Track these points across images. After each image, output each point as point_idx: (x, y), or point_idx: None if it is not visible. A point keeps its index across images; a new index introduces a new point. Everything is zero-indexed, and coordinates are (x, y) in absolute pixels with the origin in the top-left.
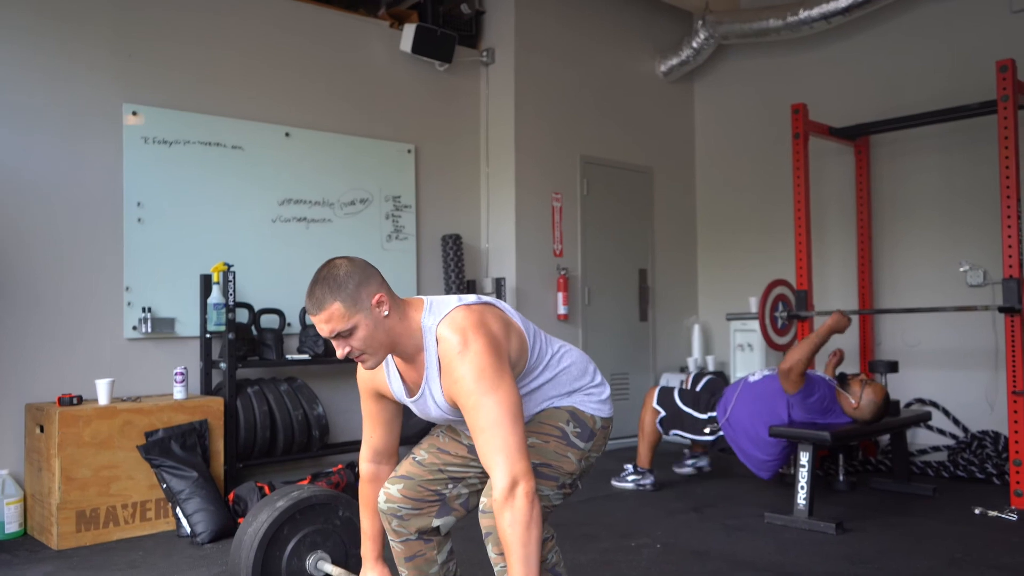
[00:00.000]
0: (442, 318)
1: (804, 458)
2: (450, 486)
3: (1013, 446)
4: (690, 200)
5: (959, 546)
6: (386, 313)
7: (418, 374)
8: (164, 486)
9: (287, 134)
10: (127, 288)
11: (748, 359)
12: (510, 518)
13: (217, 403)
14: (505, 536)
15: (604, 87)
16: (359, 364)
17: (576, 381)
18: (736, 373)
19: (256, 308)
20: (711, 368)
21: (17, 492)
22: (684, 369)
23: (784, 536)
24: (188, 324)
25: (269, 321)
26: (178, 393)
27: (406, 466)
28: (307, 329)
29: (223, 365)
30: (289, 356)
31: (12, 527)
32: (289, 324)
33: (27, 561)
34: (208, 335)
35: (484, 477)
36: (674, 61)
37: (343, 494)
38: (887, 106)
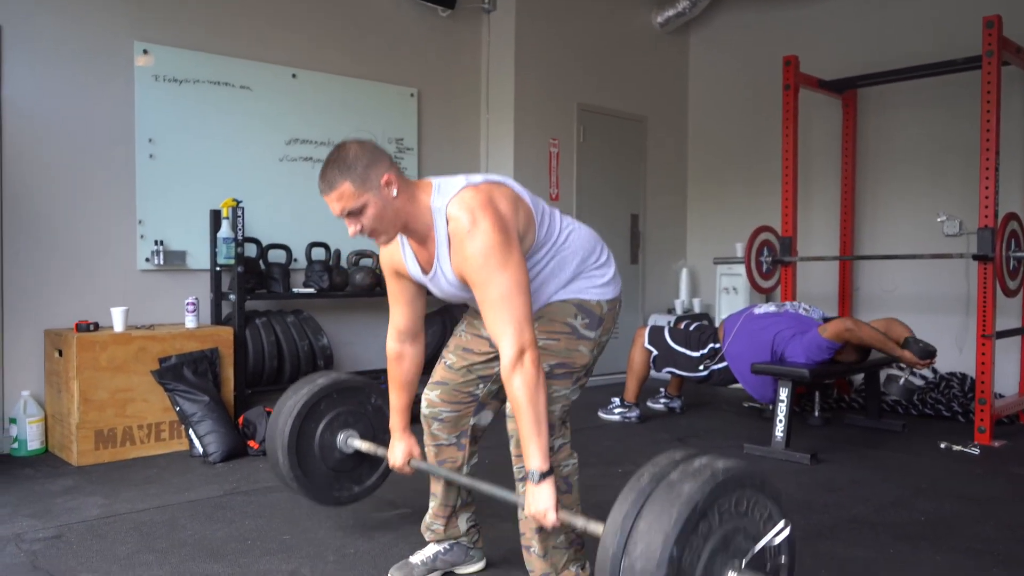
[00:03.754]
0: (451, 198)
1: (783, 393)
2: (480, 386)
3: (979, 386)
4: (682, 148)
5: (925, 477)
6: (395, 193)
7: (430, 254)
8: (177, 409)
9: (294, 75)
10: (140, 221)
11: (733, 302)
12: (519, 381)
13: (227, 332)
14: (516, 399)
15: (602, 37)
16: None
17: (583, 261)
18: (721, 315)
19: (264, 243)
20: (697, 310)
21: (38, 412)
22: (672, 311)
23: (762, 465)
24: (199, 257)
25: (276, 256)
26: (190, 322)
27: (440, 372)
28: (312, 264)
29: (232, 297)
30: (295, 289)
31: (34, 444)
32: (296, 259)
33: (49, 476)
34: (218, 268)
35: None
36: (671, 12)
37: (377, 383)
38: (875, 61)
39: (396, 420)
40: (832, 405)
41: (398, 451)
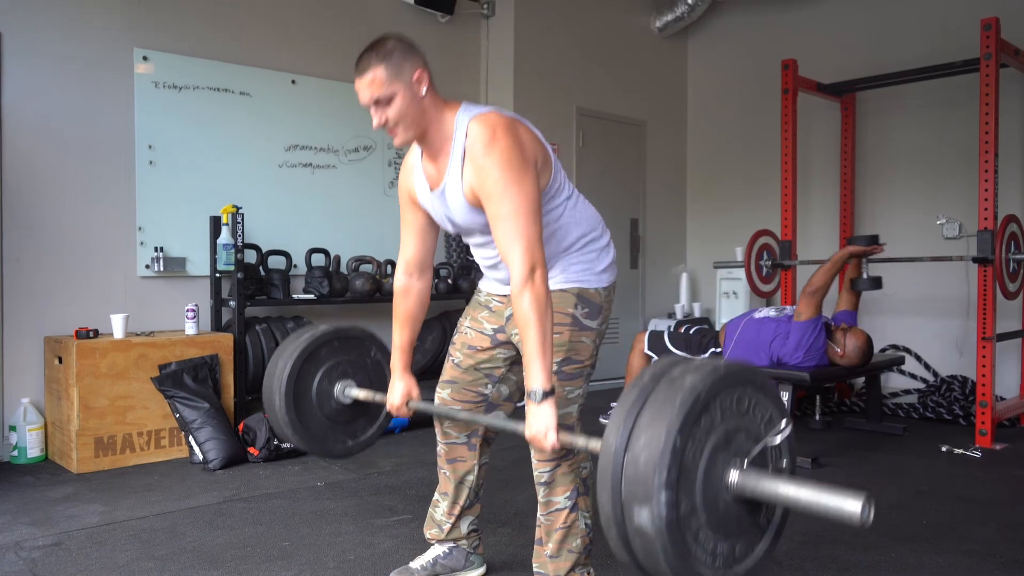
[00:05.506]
0: (475, 115)
1: (784, 397)
2: (489, 386)
3: (980, 389)
4: (681, 153)
5: (926, 480)
6: (424, 92)
7: (440, 170)
8: (177, 416)
9: (293, 81)
10: (140, 228)
11: (733, 306)
12: (529, 298)
13: (227, 339)
14: (522, 318)
15: (601, 42)
16: (392, 137)
17: (585, 234)
18: (721, 319)
19: (263, 249)
20: (697, 314)
21: (38, 419)
22: (672, 315)
23: None
24: (198, 263)
25: (276, 262)
26: (190, 329)
27: (448, 370)
28: (312, 270)
29: (232, 303)
30: (295, 296)
31: (34, 452)
32: (295, 265)
33: (49, 483)
34: (218, 274)
35: (513, 369)
36: (669, 17)
37: (378, 337)
38: (874, 63)
39: (397, 359)
40: (833, 409)
41: (397, 391)
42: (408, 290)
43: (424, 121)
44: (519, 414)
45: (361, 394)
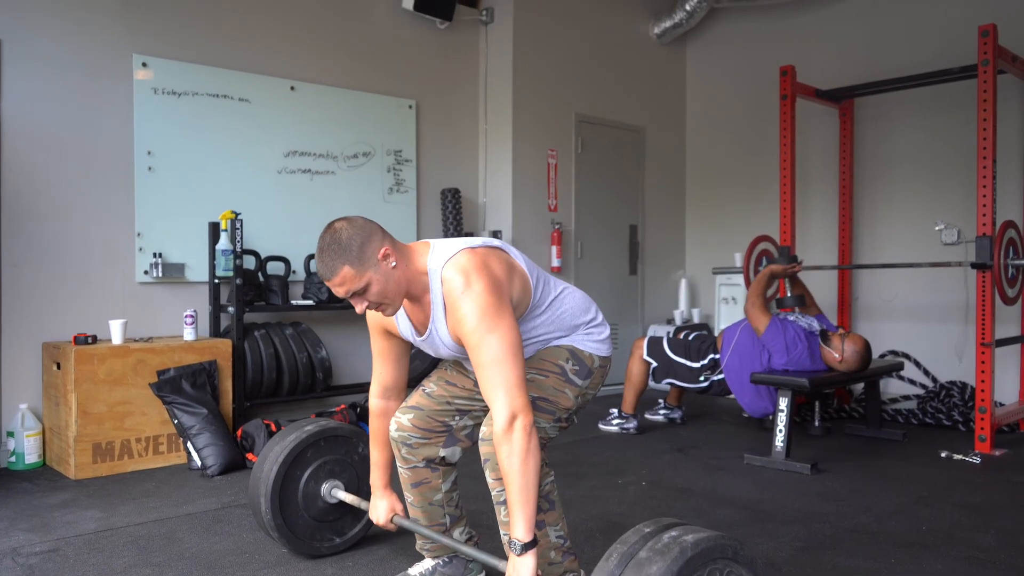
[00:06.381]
0: (447, 261)
1: (783, 403)
2: (456, 418)
3: (979, 395)
4: (680, 159)
5: (926, 486)
6: (394, 264)
7: (424, 315)
8: (175, 422)
9: (292, 87)
10: (139, 234)
11: (732, 312)
12: (508, 450)
13: (226, 345)
14: (504, 466)
15: (599, 48)
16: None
17: (577, 319)
18: (720, 325)
19: (262, 255)
20: (696, 320)
21: (36, 425)
22: (671, 321)
23: (762, 475)
24: (197, 269)
25: (275, 268)
26: (188, 335)
27: (416, 397)
28: (311, 276)
29: (231, 309)
30: (294, 302)
31: (32, 458)
32: (294, 271)
33: (47, 489)
34: (216, 280)
35: (487, 410)
36: (667, 24)
37: (365, 432)
38: (872, 69)
39: (377, 476)
40: (832, 415)
41: (381, 509)
42: (386, 412)
43: (403, 287)
44: (498, 551)
45: (348, 498)
